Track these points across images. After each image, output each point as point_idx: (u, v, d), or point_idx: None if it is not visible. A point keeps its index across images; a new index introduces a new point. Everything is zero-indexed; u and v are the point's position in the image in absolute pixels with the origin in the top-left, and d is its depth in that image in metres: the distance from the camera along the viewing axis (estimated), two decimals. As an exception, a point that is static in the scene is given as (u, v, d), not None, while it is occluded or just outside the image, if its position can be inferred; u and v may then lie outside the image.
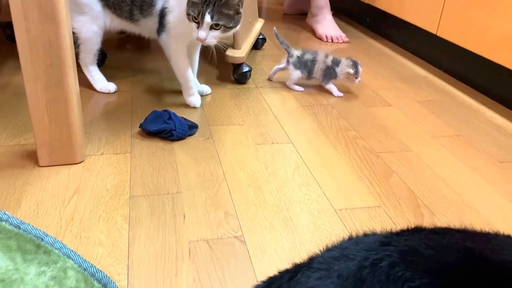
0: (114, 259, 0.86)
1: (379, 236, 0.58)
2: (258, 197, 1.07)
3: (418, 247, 0.52)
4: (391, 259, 0.52)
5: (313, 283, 0.56)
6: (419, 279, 0.49)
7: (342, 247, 0.59)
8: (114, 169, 1.15)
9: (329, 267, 0.56)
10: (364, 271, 0.52)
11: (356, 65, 1.63)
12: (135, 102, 1.53)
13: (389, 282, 0.49)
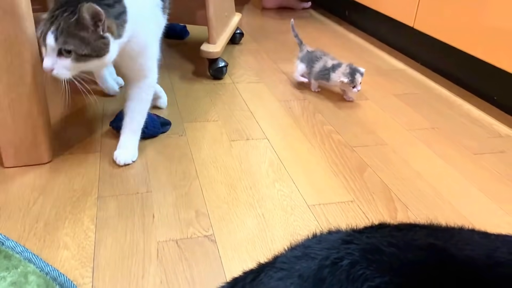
0: (79, 262, 0.83)
1: (342, 234, 0.56)
2: (230, 195, 1.05)
3: (379, 244, 0.51)
4: (352, 257, 0.51)
5: (274, 283, 0.54)
6: (379, 277, 0.47)
7: (305, 246, 0.58)
8: (83, 169, 1.12)
9: (291, 267, 0.55)
10: (324, 270, 0.51)
11: (354, 73, 1.50)
12: (106, 100, 1.49)
13: (348, 281, 0.48)
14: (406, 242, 0.52)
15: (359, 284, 0.47)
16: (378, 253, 0.50)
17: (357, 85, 1.51)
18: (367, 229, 0.57)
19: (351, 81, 1.50)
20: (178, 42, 2.12)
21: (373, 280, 0.47)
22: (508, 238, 0.55)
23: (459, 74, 1.75)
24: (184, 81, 1.68)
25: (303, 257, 0.55)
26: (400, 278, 0.47)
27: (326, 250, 0.54)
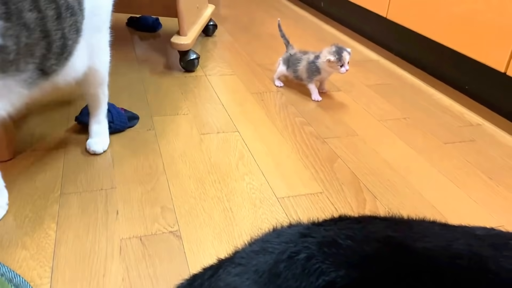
0: (37, 262, 0.80)
1: (300, 227, 0.55)
2: (198, 189, 1.03)
3: (336, 237, 0.50)
4: (308, 251, 0.49)
5: (231, 279, 0.52)
6: (335, 271, 0.46)
7: (264, 241, 0.56)
8: (46, 165, 1.08)
9: (248, 262, 0.53)
10: (280, 265, 0.49)
11: (340, 51, 1.43)
12: (73, 94, 1.45)
13: (304, 275, 0.47)
14: (364, 234, 0.50)
15: (314, 279, 0.46)
16: (334, 246, 0.48)
17: (345, 63, 1.44)
18: (326, 222, 0.55)
19: (338, 59, 1.43)
20: (150, 35, 2.08)
21: (328, 274, 0.46)
22: (467, 229, 0.55)
23: (432, 63, 1.76)
24: (154, 74, 1.64)
25: (261, 252, 0.53)
26: (356, 271, 0.45)
27: (284, 244, 0.52)
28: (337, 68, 1.45)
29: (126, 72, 1.64)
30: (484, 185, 1.09)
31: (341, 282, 0.44)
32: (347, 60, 1.44)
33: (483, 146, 1.27)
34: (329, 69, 1.47)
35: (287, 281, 0.47)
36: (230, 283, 0.52)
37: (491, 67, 1.36)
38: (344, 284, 0.44)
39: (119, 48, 1.89)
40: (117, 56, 1.77)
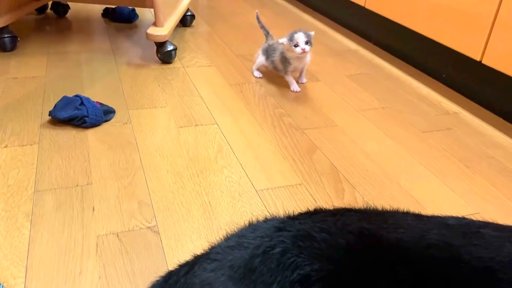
0: (10, 262, 0.78)
1: (275, 221, 0.54)
2: (176, 183, 1.02)
3: (311, 231, 0.49)
4: (283, 245, 0.49)
5: (206, 275, 0.52)
6: (310, 265, 0.46)
7: (239, 235, 0.56)
8: (19, 162, 1.06)
9: (223, 258, 0.52)
10: (255, 260, 0.49)
11: (292, 34, 1.40)
12: (48, 88, 1.42)
13: (279, 270, 0.46)
14: (338, 227, 0.50)
15: (289, 273, 0.45)
16: (309, 239, 0.48)
17: (299, 43, 1.38)
18: (301, 215, 0.55)
19: (289, 39, 1.40)
20: (126, 26, 2.04)
21: (303, 268, 0.45)
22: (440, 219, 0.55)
23: (409, 52, 1.77)
24: (131, 66, 1.61)
25: (237, 247, 0.53)
26: (330, 264, 0.45)
27: (259, 238, 0.52)
28: (294, 50, 1.40)
29: (101, 64, 1.61)
30: (461, 173, 1.11)
31: (315, 275, 0.44)
32: (301, 39, 1.38)
33: (459, 135, 1.28)
34: (291, 53, 1.44)
35: (262, 276, 0.46)
36: (205, 279, 0.51)
37: (467, 55, 1.37)
38: (319, 277, 0.44)
39: (94, 39, 1.85)
40: (92, 48, 1.74)
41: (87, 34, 1.92)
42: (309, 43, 1.40)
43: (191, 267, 0.57)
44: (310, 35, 1.41)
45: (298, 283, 0.44)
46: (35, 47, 1.73)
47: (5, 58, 1.61)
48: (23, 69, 1.53)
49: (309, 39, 1.40)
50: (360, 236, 0.49)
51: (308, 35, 1.40)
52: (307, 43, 1.39)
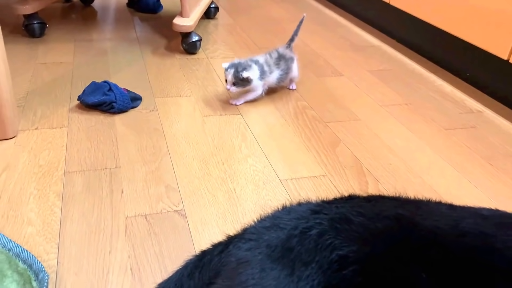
0: (43, 238, 0.81)
1: (311, 204, 0.55)
2: (202, 170, 1.03)
3: (348, 214, 0.50)
4: (321, 227, 0.50)
5: (242, 254, 0.53)
6: (348, 246, 0.47)
7: (275, 217, 0.57)
8: (49, 144, 1.08)
9: (259, 238, 0.54)
10: (293, 240, 0.50)
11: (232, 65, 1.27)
12: (75, 74, 1.44)
13: (317, 250, 0.47)
14: (375, 212, 0.51)
15: (328, 253, 0.46)
16: (347, 222, 0.49)
17: (227, 81, 1.27)
18: (337, 200, 0.56)
19: (225, 70, 1.28)
20: (151, 16, 2.06)
21: (341, 248, 0.46)
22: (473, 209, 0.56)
23: (433, 50, 1.76)
24: (156, 55, 1.63)
25: (272, 228, 0.54)
26: (368, 246, 0.46)
27: (295, 220, 0.53)
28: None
29: (127, 52, 1.64)
30: (485, 170, 1.10)
31: (353, 256, 0.45)
32: (229, 78, 1.26)
33: (483, 133, 1.28)
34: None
35: (300, 255, 0.47)
36: (242, 257, 0.52)
37: (494, 54, 1.37)
38: (357, 258, 0.45)
39: (119, 28, 1.87)
40: (117, 36, 1.77)
41: (113, 23, 1.95)
42: (240, 83, 1.26)
43: (225, 247, 0.58)
44: (241, 76, 1.25)
45: (337, 263, 0.45)
46: (62, 34, 1.76)
47: (33, 43, 1.64)
48: (51, 55, 1.56)
49: (241, 78, 1.25)
50: (396, 221, 0.49)
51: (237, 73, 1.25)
52: (235, 84, 1.27)
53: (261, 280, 0.47)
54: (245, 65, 1.28)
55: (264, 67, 1.33)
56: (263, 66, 1.33)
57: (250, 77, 1.28)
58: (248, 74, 1.27)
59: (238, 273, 0.50)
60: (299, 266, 0.47)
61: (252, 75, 1.28)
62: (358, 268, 0.44)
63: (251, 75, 1.28)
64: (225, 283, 0.50)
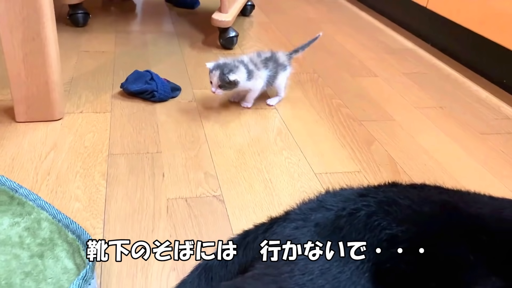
0: (90, 214, 0.85)
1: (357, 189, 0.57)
2: (239, 159, 1.06)
3: (396, 198, 0.52)
4: (369, 209, 0.52)
5: (289, 232, 0.55)
6: (396, 226, 0.49)
7: (319, 200, 0.59)
8: (93, 127, 1.13)
9: (306, 218, 0.56)
10: (342, 220, 0.52)
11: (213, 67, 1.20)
12: (117, 62, 1.49)
13: (366, 229, 0.49)
14: (421, 197, 0.53)
15: (377, 232, 0.48)
16: (395, 204, 0.51)
17: (212, 82, 1.20)
18: (382, 186, 0.58)
19: (209, 72, 1.20)
20: (188, 12, 2.11)
21: (390, 228, 0.48)
22: (514, 200, 0.57)
23: (469, 56, 1.75)
24: (194, 49, 1.67)
25: (319, 209, 0.56)
26: (416, 227, 0.48)
27: (342, 202, 0.55)
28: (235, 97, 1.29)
29: (166, 45, 1.68)
30: (520, 175, 1.10)
31: (403, 236, 0.47)
32: (214, 80, 1.19)
33: (519, 139, 1.27)
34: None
35: (350, 234, 0.49)
36: (290, 234, 0.55)
37: (533, 61, 1.36)
38: (406, 237, 0.47)
39: (158, 22, 1.92)
40: (156, 29, 1.82)
41: (151, 17, 2.00)
42: (226, 86, 1.19)
43: (270, 226, 0.60)
44: (228, 79, 1.18)
45: (386, 241, 0.47)
46: (104, 25, 1.81)
47: (77, 33, 1.70)
48: (94, 44, 1.62)
49: (224, 80, 1.18)
50: (442, 206, 0.51)
51: (223, 76, 1.17)
52: (221, 87, 1.20)
53: (311, 255, 0.49)
54: (231, 67, 1.19)
55: (250, 66, 1.24)
56: (248, 66, 1.24)
57: (237, 80, 1.19)
58: (235, 77, 1.18)
59: (286, 248, 0.52)
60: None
61: (239, 77, 1.19)
62: (408, 246, 0.46)
63: (238, 77, 1.19)
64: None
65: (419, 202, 0.51)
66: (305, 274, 0.49)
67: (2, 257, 0.71)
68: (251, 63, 1.26)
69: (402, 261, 0.44)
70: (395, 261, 0.45)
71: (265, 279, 0.51)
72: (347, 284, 0.47)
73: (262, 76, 1.25)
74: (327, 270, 0.49)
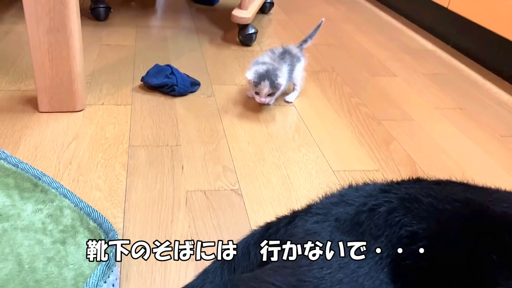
0: (110, 203, 0.86)
1: (380, 184, 0.57)
2: (257, 155, 1.07)
3: (418, 195, 0.52)
4: (390, 205, 0.52)
5: (310, 226, 0.56)
6: (417, 224, 0.49)
7: (342, 194, 0.59)
8: (114, 119, 1.14)
9: (327, 212, 0.56)
10: (362, 215, 0.52)
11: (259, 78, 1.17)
12: (137, 56, 1.51)
13: (386, 225, 0.49)
14: (444, 195, 0.53)
15: (397, 228, 0.48)
16: (416, 202, 0.51)
17: (260, 93, 1.18)
18: (405, 182, 0.58)
19: (255, 84, 1.18)
20: (208, 8, 2.12)
21: (411, 225, 0.48)
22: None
23: (491, 58, 1.73)
24: (213, 45, 1.68)
25: (340, 203, 0.56)
26: (438, 225, 0.48)
27: (363, 197, 0.55)
28: (254, 96, 1.23)
29: (185, 40, 1.69)
30: (541, 179, 1.09)
31: (423, 233, 0.47)
32: (263, 90, 1.17)
33: (540, 143, 1.25)
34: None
35: (370, 229, 0.50)
36: (310, 229, 0.55)
37: (557, 64, 1.33)
38: (426, 235, 0.47)
39: (177, 18, 1.94)
40: (176, 25, 1.83)
41: (171, 13, 2.02)
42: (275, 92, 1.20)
43: (292, 219, 0.61)
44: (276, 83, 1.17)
45: (406, 238, 0.47)
46: (124, 20, 1.83)
47: (98, 26, 1.73)
48: (115, 38, 1.64)
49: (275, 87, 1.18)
50: (466, 204, 0.51)
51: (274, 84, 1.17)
52: (271, 95, 1.20)
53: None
54: (275, 72, 1.18)
55: (275, 65, 1.22)
56: (274, 65, 1.22)
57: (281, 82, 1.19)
58: (283, 80, 1.19)
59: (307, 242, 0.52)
60: (369, 239, 0.49)
61: (283, 79, 1.20)
62: (428, 244, 0.46)
63: (283, 79, 1.20)
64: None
65: (442, 200, 0.51)
66: (323, 267, 0.49)
67: (26, 242, 0.73)
68: (272, 61, 1.25)
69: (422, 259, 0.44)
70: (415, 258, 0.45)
71: (284, 272, 0.52)
72: (365, 278, 0.48)
73: (284, 71, 1.25)
74: (346, 264, 0.49)
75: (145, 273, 0.73)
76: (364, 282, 0.46)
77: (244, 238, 0.65)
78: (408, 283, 0.47)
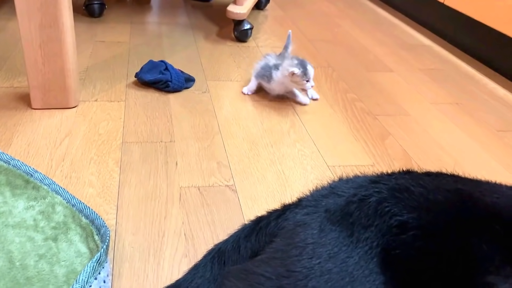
0: (103, 199, 0.86)
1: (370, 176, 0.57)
2: (251, 150, 1.06)
3: (408, 185, 0.52)
4: (380, 195, 0.51)
5: (300, 218, 0.55)
6: (407, 213, 0.48)
7: (332, 186, 0.59)
8: (108, 115, 1.14)
9: (317, 204, 0.56)
10: (352, 206, 0.52)
11: (304, 64, 1.22)
12: (132, 53, 1.50)
13: (376, 215, 0.49)
14: (435, 185, 0.52)
15: (387, 218, 0.48)
16: (406, 192, 0.51)
17: (310, 79, 1.22)
18: (395, 173, 0.57)
19: (303, 72, 1.20)
20: (203, 4, 2.11)
21: (401, 215, 0.48)
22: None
23: (487, 53, 1.72)
24: (208, 41, 1.67)
25: (330, 195, 0.56)
26: (428, 215, 0.48)
27: (353, 189, 0.55)
28: (303, 84, 1.22)
29: (180, 36, 1.69)
30: (537, 172, 1.08)
31: (413, 222, 0.47)
32: (312, 75, 1.22)
33: (537, 136, 1.25)
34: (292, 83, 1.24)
35: (359, 219, 0.49)
36: (300, 220, 0.54)
37: (553, 57, 1.33)
38: (416, 225, 0.46)
39: (173, 14, 1.93)
40: (171, 21, 1.82)
41: (166, 9, 2.01)
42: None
43: (282, 213, 0.60)
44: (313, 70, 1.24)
45: (396, 227, 0.47)
46: (119, 16, 1.83)
47: (93, 23, 1.72)
48: (109, 34, 1.63)
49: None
50: (456, 194, 0.50)
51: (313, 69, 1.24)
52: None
53: (320, 240, 0.49)
54: (297, 60, 1.23)
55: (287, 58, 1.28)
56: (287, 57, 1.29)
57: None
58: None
59: (297, 233, 0.52)
60: (359, 229, 0.48)
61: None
62: (419, 233, 0.46)
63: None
64: (283, 241, 0.52)
65: (432, 190, 0.51)
66: (313, 258, 0.49)
67: (17, 239, 0.72)
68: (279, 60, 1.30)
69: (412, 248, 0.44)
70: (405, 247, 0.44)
71: (273, 262, 0.51)
72: (355, 268, 0.47)
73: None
74: (335, 254, 0.49)
75: (138, 269, 0.73)
76: (353, 272, 0.46)
77: (234, 232, 0.64)
78: (398, 273, 0.47)
